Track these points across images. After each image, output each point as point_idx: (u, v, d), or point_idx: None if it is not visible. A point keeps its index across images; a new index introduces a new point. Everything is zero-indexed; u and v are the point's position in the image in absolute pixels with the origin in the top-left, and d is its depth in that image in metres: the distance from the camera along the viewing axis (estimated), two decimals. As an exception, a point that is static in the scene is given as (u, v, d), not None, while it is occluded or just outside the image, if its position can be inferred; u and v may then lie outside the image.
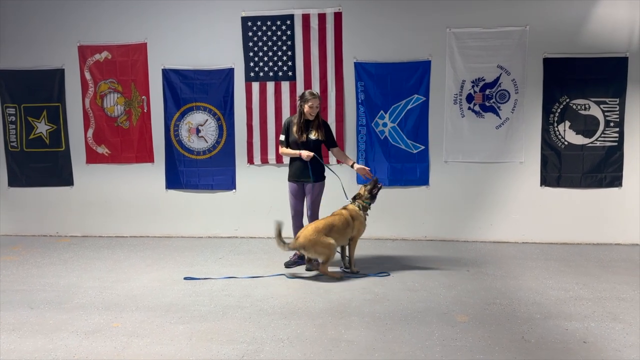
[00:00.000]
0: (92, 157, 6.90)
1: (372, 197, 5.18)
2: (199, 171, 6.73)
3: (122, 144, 6.83)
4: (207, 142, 6.71)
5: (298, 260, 5.39)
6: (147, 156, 6.81)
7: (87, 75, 6.77)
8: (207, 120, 6.67)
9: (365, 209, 5.16)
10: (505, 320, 3.88)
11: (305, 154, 5.06)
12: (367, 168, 5.32)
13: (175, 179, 6.79)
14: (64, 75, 6.81)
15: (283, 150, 5.28)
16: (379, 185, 5.21)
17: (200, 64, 6.59)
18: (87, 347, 3.49)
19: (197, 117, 6.68)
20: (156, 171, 6.82)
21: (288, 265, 5.34)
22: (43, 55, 6.80)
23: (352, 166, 5.32)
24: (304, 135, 5.15)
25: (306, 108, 5.07)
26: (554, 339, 3.53)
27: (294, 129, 5.16)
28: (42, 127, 6.91)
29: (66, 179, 6.97)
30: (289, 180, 5.31)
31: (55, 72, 6.80)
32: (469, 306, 4.17)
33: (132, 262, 5.64)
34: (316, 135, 5.19)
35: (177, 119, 6.70)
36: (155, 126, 6.76)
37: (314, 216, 5.28)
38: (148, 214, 6.88)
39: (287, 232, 5.06)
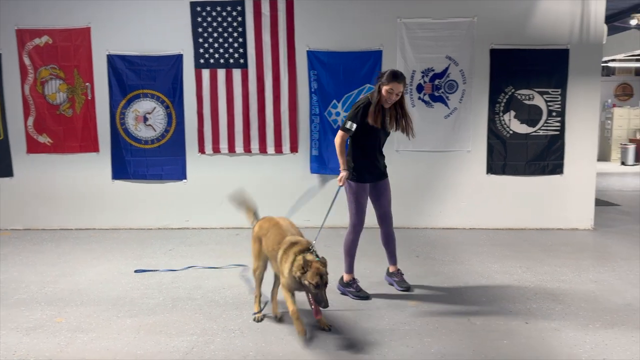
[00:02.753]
0: (33, 147, 6.58)
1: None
2: (147, 161, 6.54)
3: (65, 132, 6.54)
4: (155, 130, 6.52)
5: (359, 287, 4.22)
6: (91, 145, 6.56)
7: (27, 61, 6.44)
8: (155, 108, 6.48)
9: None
10: (453, 304, 3.99)
11: (343, 178, 4.02)
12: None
13: (122, 169, 6.57)
14: (0, 60, 6.45)
15: (341, 145, 4.02)
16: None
17: (147, 50, 6.39)
18: (28, 343, 3.35)
19: (144, 105, 6.48)
20: (102, 161, 6.58)
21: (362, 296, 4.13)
22: (-23, 39, 6.43)
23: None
24: (379, 122, 3.96)
25: (385, 91, 3.89)
26: (498, 320, 3.66)
27: (371, 114, 3.93)
28: (-22, 115, 6.55)
29: (5, 170, 6.62)
30: (360, 181, 4.08)
31: (-9, 57, 6.44)
32: (418, 291, 4.26)
33: (78, 256, 5.45)
34: (393, 127, 4.12)
35: (123, 106, 6.47)
36: (100, 114, 6.51)
37: (392, 218, 4.29)
38: (94, 206, 6.64)
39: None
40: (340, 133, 4.02)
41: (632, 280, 4.53)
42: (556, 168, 6.47)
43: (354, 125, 3.97)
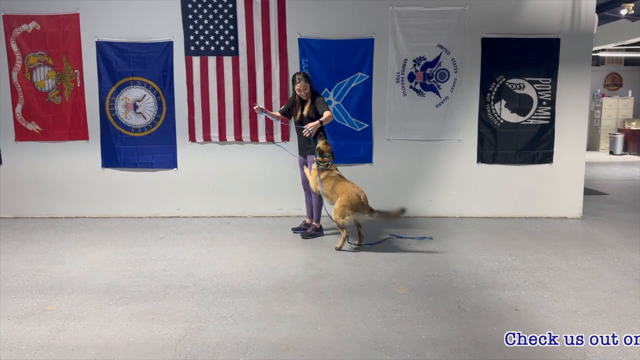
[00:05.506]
0: (22, 134, 6.51)
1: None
2: (138, 149, 6.49)
3: (54, 120, 6.48)
4: (145, 118, 6.47)
5: (303, 228, 5.84)
6: (81, 133, 6.50)
7: (14, 47, 6.34)
8: (145, 95, 6.42)
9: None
10: (443, 291, 4.03)
11: (258, 110, 5.53)
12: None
13: (112, 157, 6.53)
14: (-13, 46, 6.36)
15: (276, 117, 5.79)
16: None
17: (137, 36, 6.32)
18: (19, 332, 3.34)
19: (134, 92, 6.41)
20: (91, 149, 6.53)
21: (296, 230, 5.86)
22: (-38, 24, 6.31)
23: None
24: (299, 113, 5.47)
25: (295, 90, 5.37)
26: (488, 307, 3.71)
27: (294, 107, 5.52)
28: (-36, 102, 6.45)
29: (-7, 158, 6.57)
30: (298, 154, 5.73)
31: (-22, 43, 6.34)
32: (409, 279, 4.30)
33: (68, 244, 5.42)
34: (307, 112, 5.40)
35: (112, 94, 6.41)
36: (89, 102, 6.44)
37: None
38: (84, 194, 6.60)
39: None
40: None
41: (619, 267, 4.60)
42: (546, 157, 6.52)
43: (283, 108, 5.71)
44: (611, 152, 14.87)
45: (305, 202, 5.80)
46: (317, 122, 5.21)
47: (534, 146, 6.49)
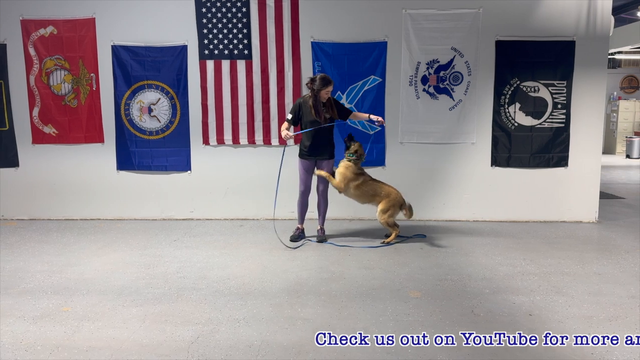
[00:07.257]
0: (39, 137, 6.61)
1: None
2: (152, 152, 6.56)
3: (70, 123, 6.57)
4: (160, 121, 6.53)
5: (301, 234, 5.72)
6: (96, 136, 6.58)
7: (32, 51, 6.44)
8: (159, 99, 6.49)
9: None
10: (456, 295, 4.00)
11: (284, 134, 5.32)
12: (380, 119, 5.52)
13: (127, 160, 6.59)
14: (5, 50, 6.45)
15: (284, 126, 5.42)
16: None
17: (152, 41, 6.38)
18: (34, 332, 3.38)
19: (149, 96, 6.48)
20: (107, 152, 6.60)
21: (294, 239, 5.64)
22: (-18, 29, 6.43)
23: (369, 118, 5.53)
24: (322, 116, 5.33)
25: (323, 94, 5.24)
26: (501, 312, 3.68)
27: (311, 110, 5.31)
28: (-17, 106, 6.57)
29: (11, 160, 6.65)
30: (301, 157, 5.52)
31: (-4, 47, 6.45)
32: (421, 282, 4.28)
33: (83, 246, 5.49)
34: (330, 114, 5.40)
35: (127, 97, 6.48)
36: (105, 105, 6.52)
37: (325, 190, 5.59)
38: (99, 196, 6.68)
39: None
40: (284, 122, 5.45)
41: (636, 272, 4.54)
42: (561, 161, 6.45)
43: (290, 115, 5.44)
44: (627, 156, 14.66)
45: (301, 208, 5.70)
46: (369, 116, 5.53)
47: (549, 149, 6.43)
